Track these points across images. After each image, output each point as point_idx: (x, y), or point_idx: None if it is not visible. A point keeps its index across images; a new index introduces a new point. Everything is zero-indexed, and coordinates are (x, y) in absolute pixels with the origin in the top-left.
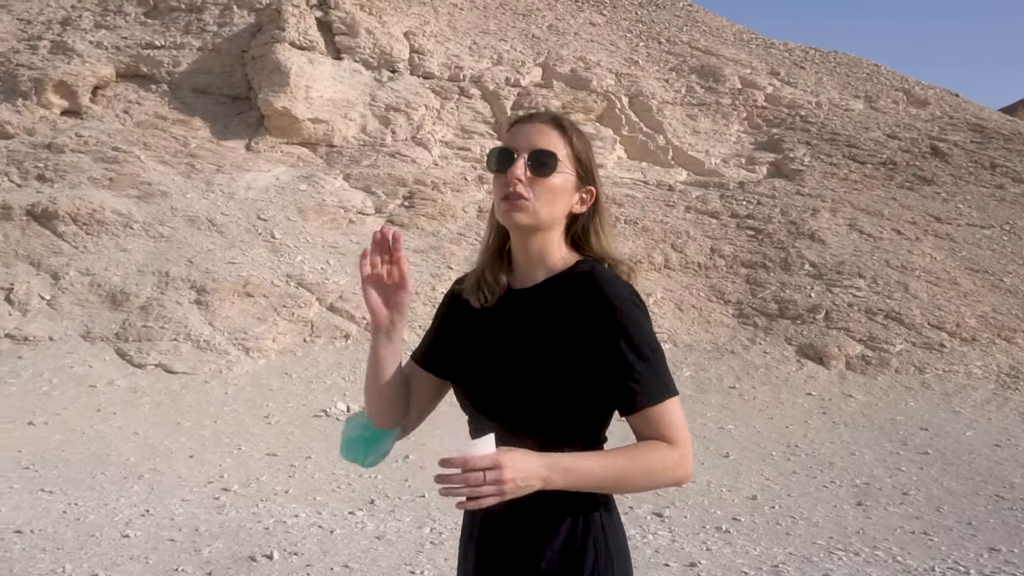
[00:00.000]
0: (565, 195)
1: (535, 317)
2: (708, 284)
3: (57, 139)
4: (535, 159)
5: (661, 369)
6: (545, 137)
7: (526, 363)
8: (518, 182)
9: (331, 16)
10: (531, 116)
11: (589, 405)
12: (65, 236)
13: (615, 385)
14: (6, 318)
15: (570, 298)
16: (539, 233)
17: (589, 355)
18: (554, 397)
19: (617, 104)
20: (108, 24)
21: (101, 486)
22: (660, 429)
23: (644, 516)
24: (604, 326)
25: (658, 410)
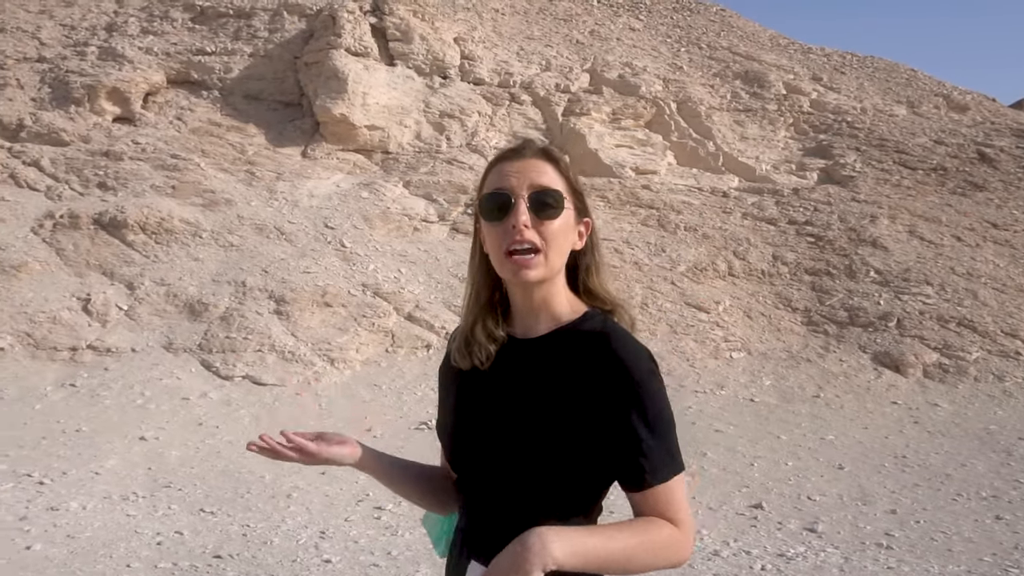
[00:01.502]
0: (570, 234)
1: (539, 373)
2: (774, 291)
3: (114, 146)
4: (538, 200)
5: (671, 443)
6: (541, 173)
7: (528, 423)
8: (524, 229)
9: (386, 22)
10: (516, 151)
11: (591, 475)
12: (135, 245)
13: (622, 459)
14: (86, 329)
15: (580, 358)
16: (551, 283)
17: (597, 422)
18: (556, 463)
19: (666, 110)
20: (155, 30)
21: (256, 506)
22: (665, 509)
23: (797, 531)
24: (617, 394)
25: (664, 488)
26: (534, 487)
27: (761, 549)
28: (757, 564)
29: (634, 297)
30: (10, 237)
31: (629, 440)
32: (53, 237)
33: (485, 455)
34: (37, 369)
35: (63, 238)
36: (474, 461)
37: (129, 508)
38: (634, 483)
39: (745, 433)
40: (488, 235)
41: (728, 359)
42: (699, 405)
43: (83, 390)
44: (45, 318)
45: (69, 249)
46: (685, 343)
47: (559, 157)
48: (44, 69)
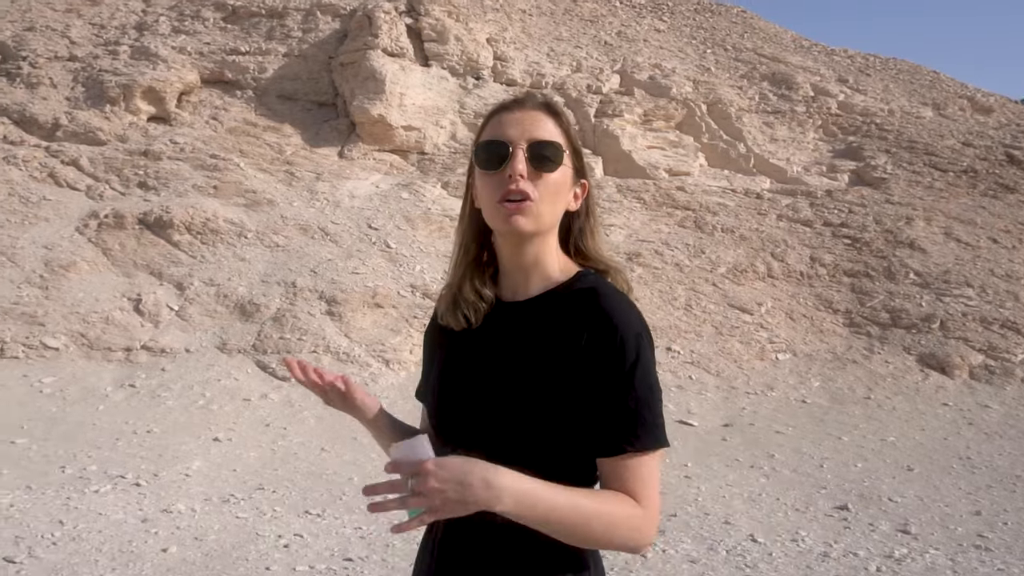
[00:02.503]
0: (565, 192)
1: (530, 336)
2: (814, 293)
3: (152, 146)
4: (536, 151)
5: (653, 414)
6: (541, 125)
7: (516, 387)
8: (520, 179)
9: (421, 23)
10: (518, 101)
11: (577, 445)
12: (181, 245)
13: (598, 420)
14: (139, 329)
15: (570, 317)
16: (536, 238)
17: (584, 387)
18: (546, 429)
19: (697, 112)
20: (187, 29)
21: (357, 507)
22: (631, 482)
23: (891, 533)
24: (605, 356)
25: (637, 460)
26: (523, 454)
27: (866, 551)
28: (871, 566)
29: (677, 299)
30: (56, 236)
31: (608, 400)
32: (99, 237)
33: (473, 420)
34: (94, 370)
35: (109, 238)
36: (461, 426)
37: (235, 510)
38: (606, 447)
39: (805, 435)
40: (482, 185)
41: (774, 360)
42: (752, 407)
43: (143, 391)
44: (98, 318)
45: (116, 249)
46: (731, 344)
47: (561, 112)
48: (76, 68)
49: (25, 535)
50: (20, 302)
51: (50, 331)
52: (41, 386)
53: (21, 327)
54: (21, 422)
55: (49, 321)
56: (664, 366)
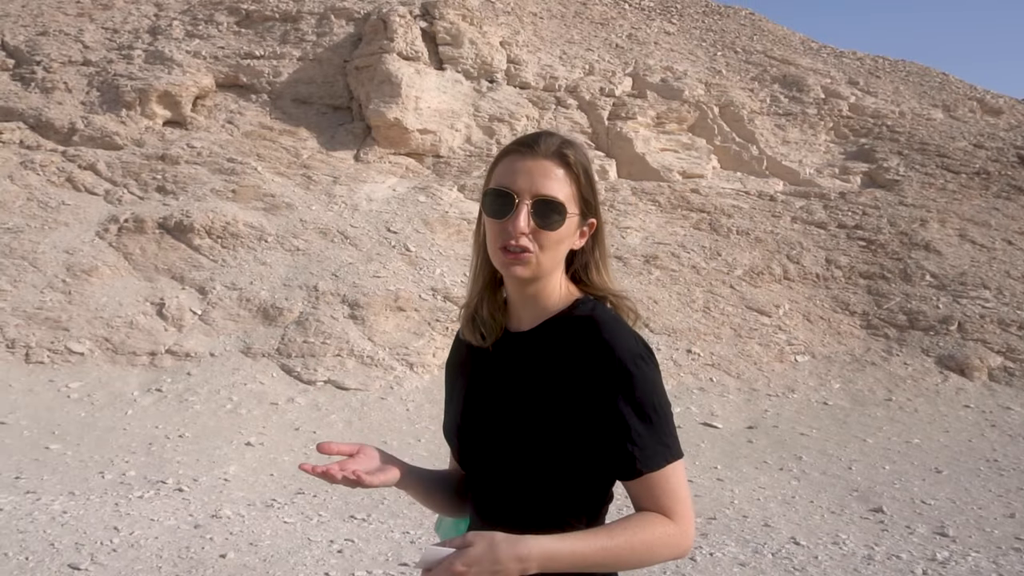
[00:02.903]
0: (569, 239)
1: (530, 366)
2: (830, 295)
3: (169, 150)
4: (540, 208)
5: (665, 430)
6: (551, 178)
7: (521, 419)
8: (521, 235)
9: (436, 27)
10: (531, 146)
11: (588, 472)
12: (202, 249)
13: (612, 447)
14: (163, 333)
15: (568, 346)
16: (546, 280)
17: (587, 411)
18: (553, 458)
19: (709, 114)
20: (200, 33)
21: (402, 512)
22: (660, 498)
23: (929, 535)
24: (603, 380)
25: (659, 476)
26: (535, 485)
27: (908, 554)
28: (916, 569)
29: (695, 301)
30: (76, 241)
31: (618, 427)
32: (119, 241)
33: (487, 452)
34: (119, 374)
35: (129, 242)
36: (478, 458)
37: (281, 515)
38: (625, 472)
39: (830, 437)
40: (488, 227)
41: (793, 362)
42: (775, 409)
43: (170, 395)
44: (122, 323)
45: (136, 253)
46: (750, 347)
47: (573, 160)
48: (91, 73)
49: (84, 541)
50: (44, 307)
51: (74, 336)
52: (68, 391)
53: (46, 332)
54: (52, 427)
55: (73, 326)
56: (685, 368)
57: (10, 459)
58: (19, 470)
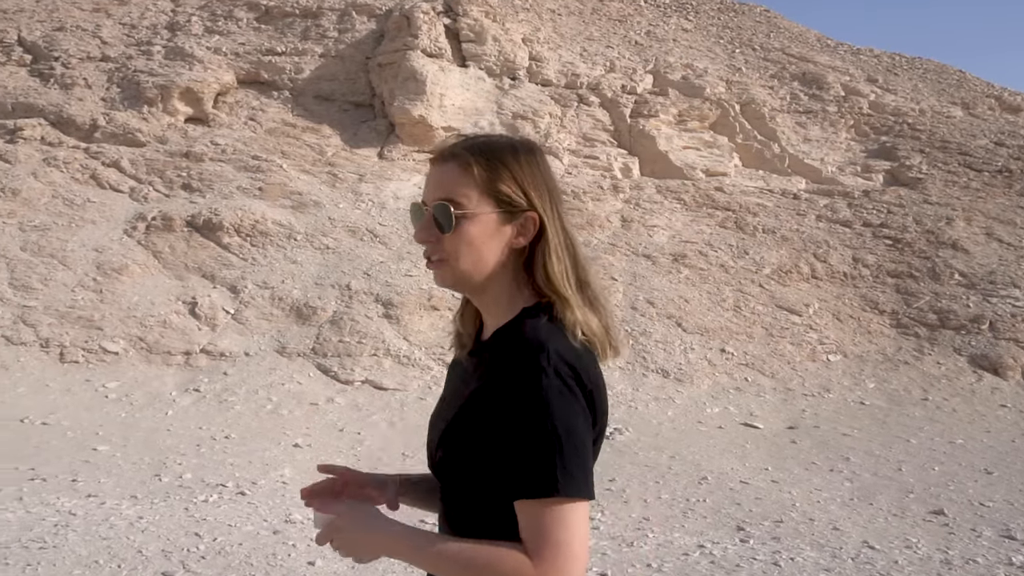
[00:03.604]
0: (491, 239)
1: (470, 380)
2: (858, 294)
3: (193, 147)
4: (437, 213)
5: (565, 458)
6: (447, 182)
7: (450, 430)
8: (425, 243)
9: (460, 23)
10: (438, 153)
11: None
12: (231, 248)
13: (498, 465)
14: (196, 333)
15: (493, 362)
16: (482, 286)
17: (495, 432)
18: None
19: (730, 112)
20: (220, 29)
21: None
22: (528, 532)
23: (997, 538)
24: (508, 398)
25: (533, 507)
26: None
27: (984, 558)
28: (999, 572)
29: (726, 300)
30: (105, 239)
31: (511, 443)
32: (148, 239)
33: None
34: (155, 374)
35: (158, 240)
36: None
37: None
38: (509, 491)
39: (872, 437)
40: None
41: (826, 362)
42: (812, 408)
43: (209, 396)
44: (155, 322)
45: (166, 252)
46: (783, 346)
47: (473, 159)
48: (110, 69)
49: (171, 548)
50: (76, 306)
51: (108, 335)
52: (106, 391)
53: (79, 331)
54: (94, 428)
55: (106, 325)
56: (720, 368)
57: (61, 461)
58: (73, 472)
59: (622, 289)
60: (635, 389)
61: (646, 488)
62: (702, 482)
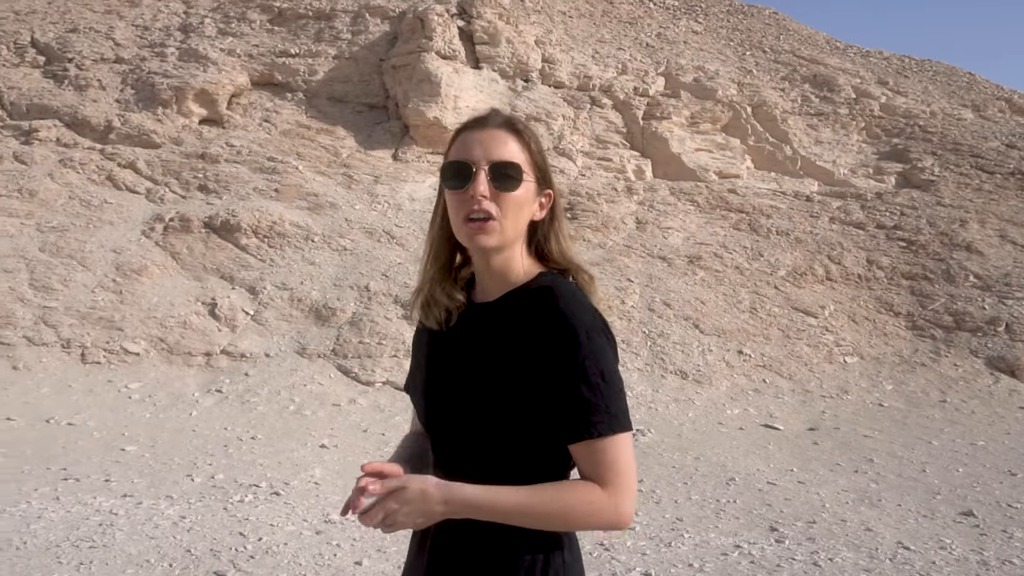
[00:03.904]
0: (528, 206)
1: (491, 336)
2: (873, 296)
3: (209, 149)
4: (498, 172)
5: (612, 400)
6: (503, 145)
7: (481, 387)
8: (482, 199)
9: (474, 25)
10: (480, 120)
11: (544, 437)
12: (249, 249)
13: (559, 412)
14: (216, 334)
15: (527, 317)
16: (507, 250)
17: (540, 379)
18: (514, 423)
19: (742, 114)
20: (233, 31)
21: None
22: (597, 467)
23: None
24: (556, 349)
25: (599, 444)
26: (498, 449)
27: (1019, 559)
28: None
29: (742, 302)
30: (123, 240)
31: (565, 391)
32: (166, 240)
33: (452, 418)
34: (177, 375)
35: (176, 241)
36: (443, 424)
37: None
38: (567, 435)
39: (894, 439)
40: (449, 201)
41: (843, 364)
42: (831, 410)
43: (231, 396)
44: (175, 323)
45: (184, 253)
46: (799, 348)
47: (523, 129)
48: (124, 70)
49: (219, 548)
50: (96, 307)
51: (129, 336)
52: (128, 392)
53: (100, 332)
54: (120, 429)
55: (127, 326)
56: (737, 369)
57: (91, 461)
58: (105, 472)
59: (639, 291)
60: (655, 390)
61: (675, 489)
62: (730, 483)
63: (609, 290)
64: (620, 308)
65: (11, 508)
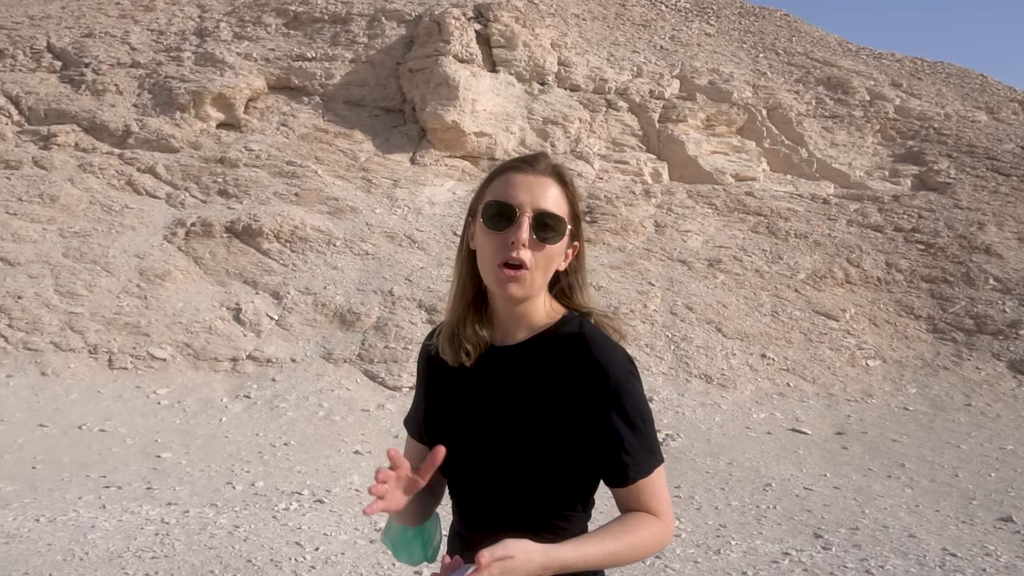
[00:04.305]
0: (559, 258)
1: (520, 380)
2: (893, 299)
3: (228, 153)
4: (541, 222)
5: (650, 439)
6: (549, 193)
7: (511, 430)
8: (522, 247)
9: (491, 29)
10: (529, 162)
11: (576, 479)
12: (271, 254)
13: (605, 457)
14: (241, 339)
15: (559, 362)
16: (533, 298)
17: (578, 424)
18: (541, 468)
19: (758, 116)
20: (249, 35)
21: None
22: (649, 501)
23: None
24: (595, 395)
25: (646, 482)
26: (527, 490)
27: None
28: None
29: (763, 305)
30: (145, 245)
31: (611, 439)
32: (188, 245)
33: (477, 461)
34: (204, 380)
35: (198, 246)
36: (467, 466)
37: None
38: (618, 480)
39: (923, 443)
40: (484, 241)
41: (865, 367)
42: (857, 414)
43: (259, 402)
44: (200, 328)
45: (206, 257)
46: (822, 351)
47: (570, 180)
48: (141, 75)
49: (279, 558)
50: (121, 312)
51: (155, 341)
52: (157, 397)
53: (126, 337)
54: (152, 435)
55: (153, 331)
56: (761, 373)
57: (128, 468)
58: (145, 480)
59: (660, 294)
60: (680, 395)
61: (714, 495)
62: (767, 489)
63: (631, 294)
64: (642, 312)
65: (61, 517)
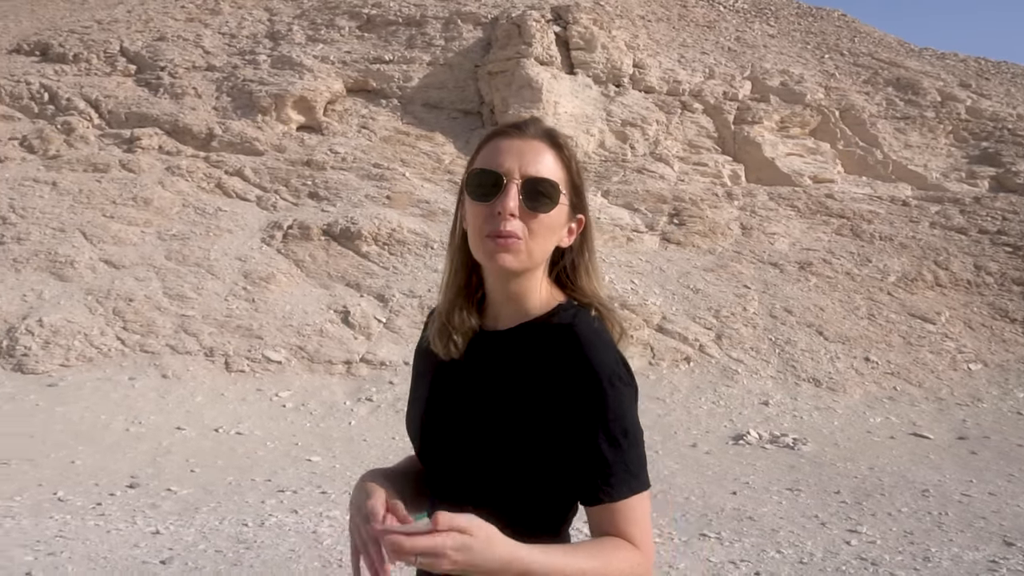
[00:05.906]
0: (559, 229)
1: (501, 370)
2: (986, 302)
3: (313, 156)
4: (531, 188)
5: (632, 458)
6: (541, 159)
7: (483, 423)
8: (510, 217)
9: (570, 31)
10: (518, 127)
11: (552, 486)
12: (370, 256)
13: (579, 470)
14: (353, 342)
15: (543, 355)
16: (530, 275)
17: (556, 426)
18: (518, 465)
19: (831, 118)
20: (323, 38)
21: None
22: (623, 526)
23: None
24: (577, 398)
25: (622, 506)
26: (498, 490)
27: None
28: None
29: (859, 308)
30: (245, 248)
31: (585, 450)
32: (287, 248)
33: (451, 453)
34: (322, 383)
35: (298, 249)
36: (441, 458)
37: None
38: (587, 497)
39: None
40: (471, 213)
41: (967, 371)
42: (972, 419)
43: (383, 405)
44: (312, 331)
45: (307, 260)
46: (923, 355)
47: (564, 143)
48: (218, 78)
49: None
50: (232, 315)
51: (269, 344)
52: (280, 400)
53: (240, 340)
54: (289, 438)
55: (265, 334)
56: (868, 377)
57: (286, 472)
58: (313, 484)
59: (757, 297)
60: (793, 399)
61: (876, 501)
62: (925, 495)
63: (728, 297)
64: (743, 315)
65: (267, 520)
